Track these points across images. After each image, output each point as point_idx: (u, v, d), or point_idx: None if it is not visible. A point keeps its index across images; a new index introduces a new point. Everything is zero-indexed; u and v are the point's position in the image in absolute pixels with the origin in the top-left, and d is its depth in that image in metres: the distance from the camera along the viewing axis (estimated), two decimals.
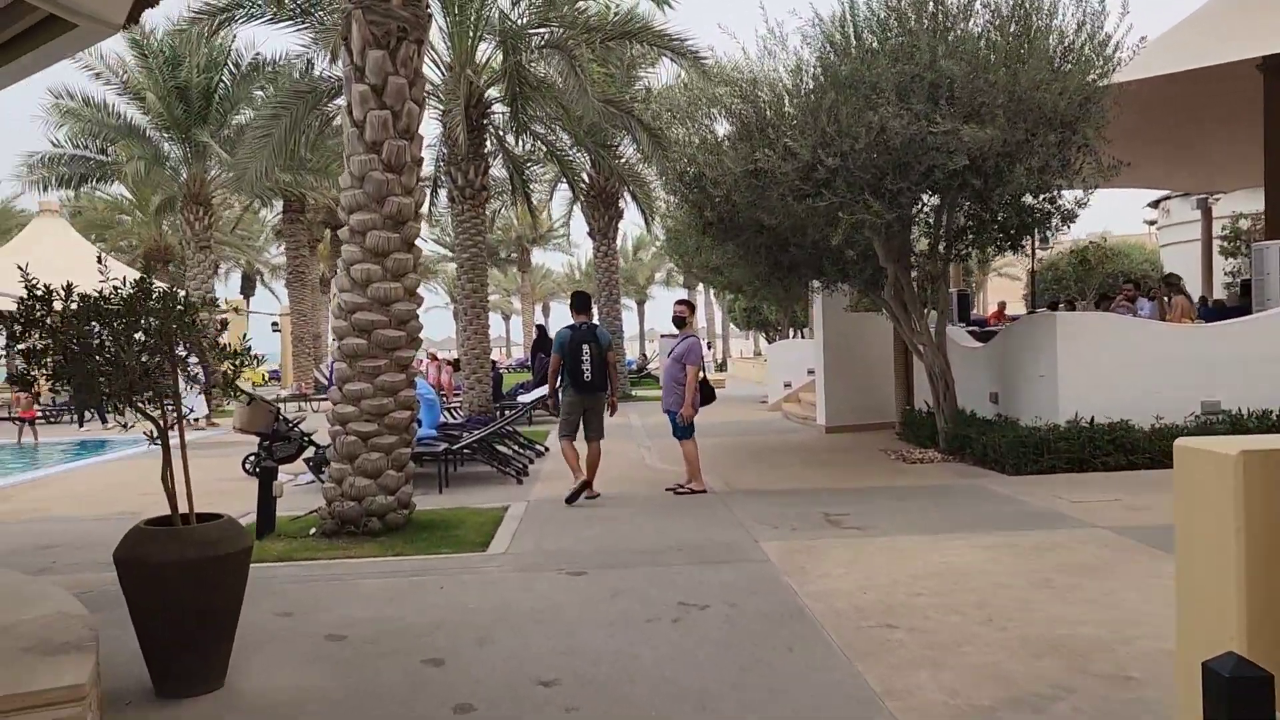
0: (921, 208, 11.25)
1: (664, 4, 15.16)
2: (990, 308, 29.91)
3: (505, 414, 16.79)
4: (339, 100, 16.24)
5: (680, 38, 14.65)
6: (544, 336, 19.71)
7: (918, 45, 9.10)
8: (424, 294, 8.34)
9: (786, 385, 19.03)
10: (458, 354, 16.99)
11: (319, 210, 33.37)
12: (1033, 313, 18.91)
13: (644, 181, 20.85)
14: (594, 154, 17.57)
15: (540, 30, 14.75)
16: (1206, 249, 22.17)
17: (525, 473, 10.90)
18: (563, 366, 9.29)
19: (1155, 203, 29.77)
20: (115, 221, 45.50)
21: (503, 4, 15.38)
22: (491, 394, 16.21)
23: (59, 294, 4.10)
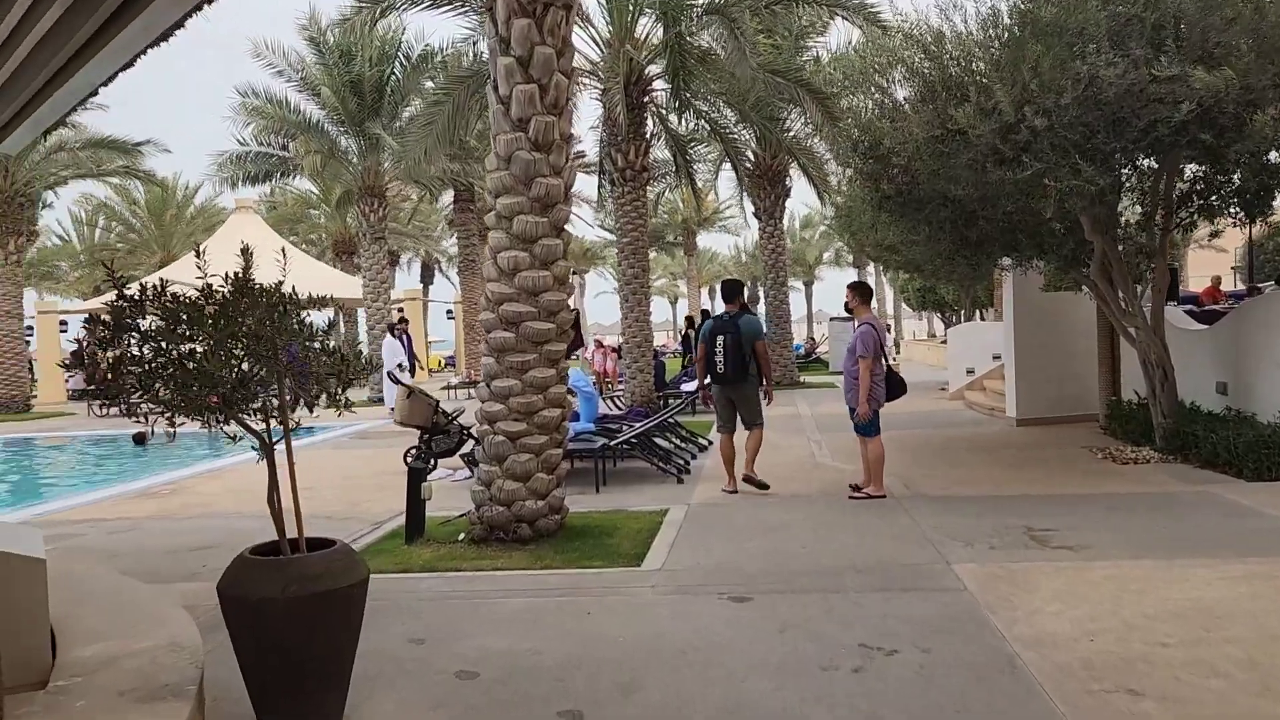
0: (1134, 172, 9.85)
1: None
2: (1193, 284, 27.08)
3: (668, 403, 16.22)
4: None
5: None
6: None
7: None
8: (592, 280, 7.81)
9: (969, 372, 17.61)
10: (619, 340, 16.49)
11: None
12: (1255, 289, 16.76)
13: (813, 155, 19.75)
14: (759, 129, 16.65)
15: None
16: None
17: (686, 470, 10.22)
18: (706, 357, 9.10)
19: None
20: (305, 216, 47.88)
21: None
22: (654, 382, 15.62)
23: (152, 292, 3.67)
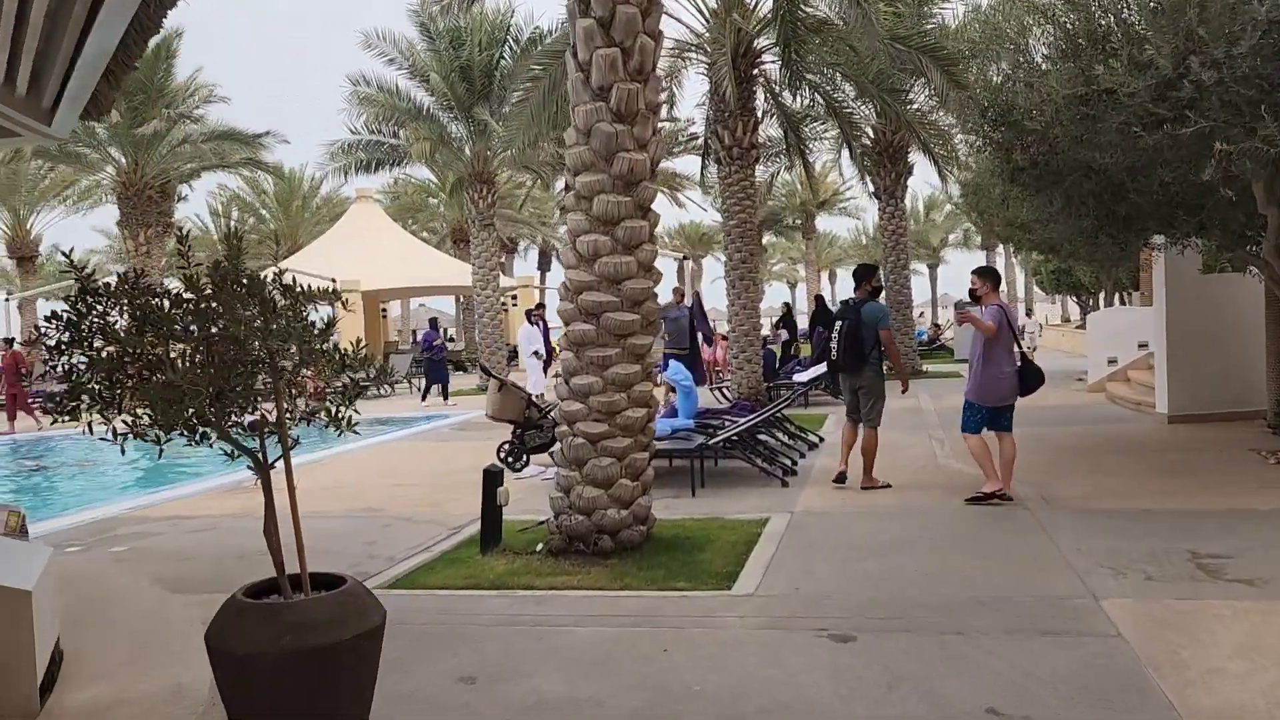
0: None
1: None
2: None
3: (779, 395, 15.34)
4: None
5: None
6: (822, 308, 17.97)
7: None
8: (709, 265, 7.06)
9: (1111, 362, 16.11)
10: (726, 329, 15.65)
11: None
12: None
13: (938, 129, 18.45)
14: (880, 102, 15.51)
15: None
16: None
17: (793, 471, 9.39)
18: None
19: None
20: (425, 204, 48.53)
21: None
22: (763, 373, 14.75)
23: (122, 287, 3.12)
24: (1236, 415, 11.62)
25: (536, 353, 16.14)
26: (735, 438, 9.49)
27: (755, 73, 14.55)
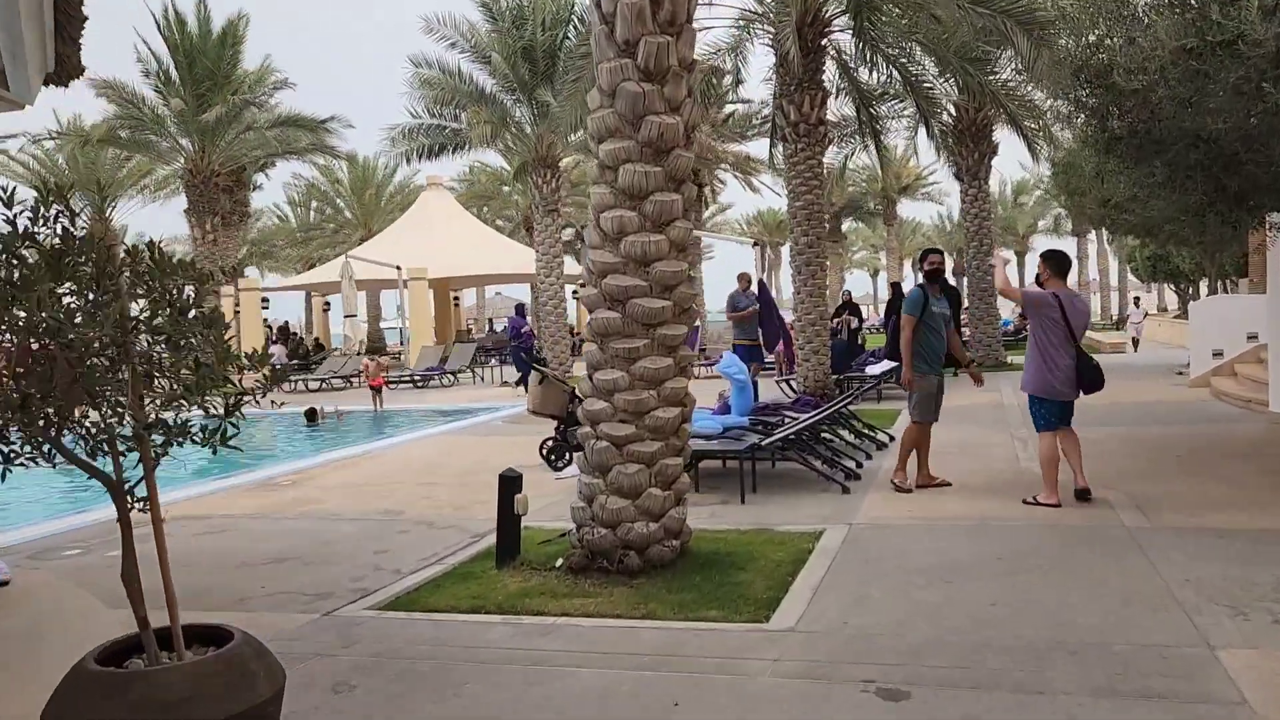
0: None
1: None
2: None
3: (849, 388, 14.39)
4: None
5: None
6: (899, 296, 16.86)
7: None
8: (787, 252, 6.23)
9: (1216, 355, 14.75)
10: (791, 318, 14.70)
11: None
12: None
13: (1026, 103, 17.16)
14: (962, 74, 14.38)
15: None
16: None
17: (856, 475, 8.51)
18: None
19: None
20: (498, 191, 48.33)
21: None
22: (831, 365, 13.80)
23: None
24: None
25: None
26: (792, 437, 8.66)
27: (824, 43, 13.56)
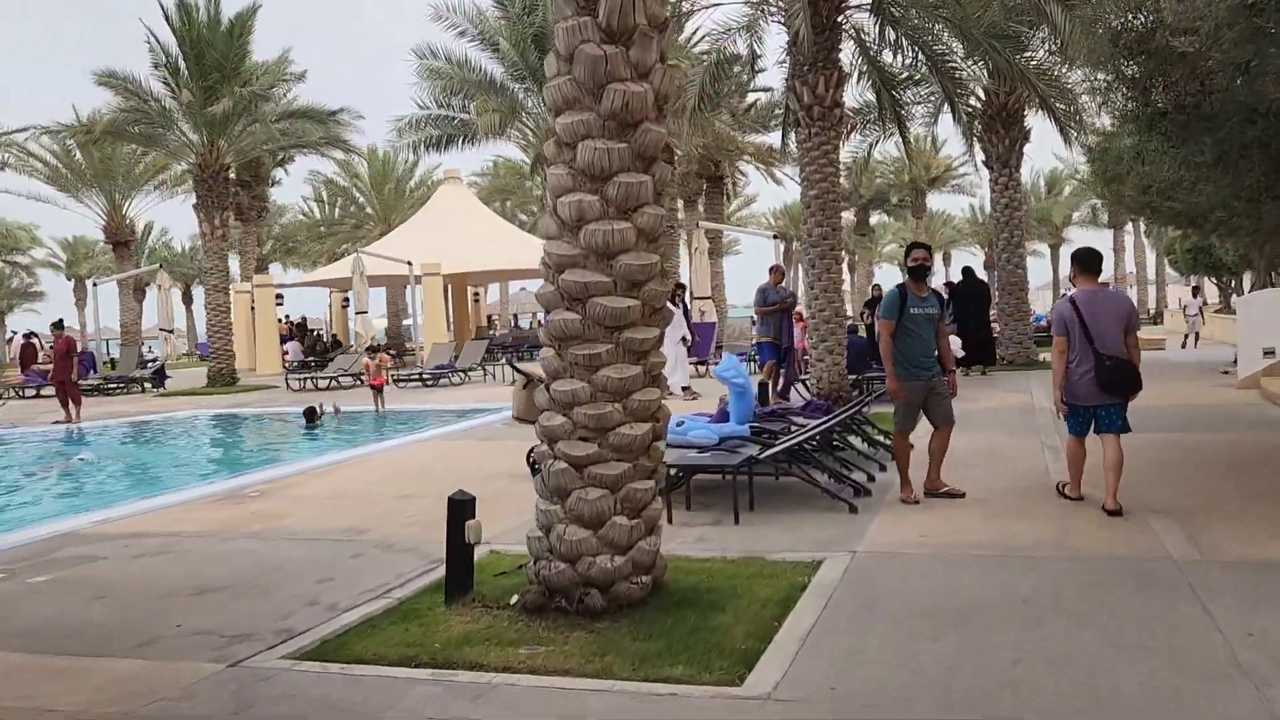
0: None
1: None
2: None
3: (868, 390, 13.51)
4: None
5: None
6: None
7: None
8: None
9: (1268, 353, 13.68)
10: (804, 313, 13.73)
11: (691, 160, 31.56)
12: None
13: (1060, 85, 16.14)
14: (990, 53, 13.42)
15: None
16: None
17: (866, 490, 7.66)
18: None
19: None
20: (519, 186, 47.68)
21: None
22: (847, 365, 12.91)
23: None
24: None
25: (684, 338, 14.67)
26: (798, 448, 7.84)
27: (840, 20, 12.66)
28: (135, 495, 9.65)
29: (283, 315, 36.74)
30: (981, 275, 19.66)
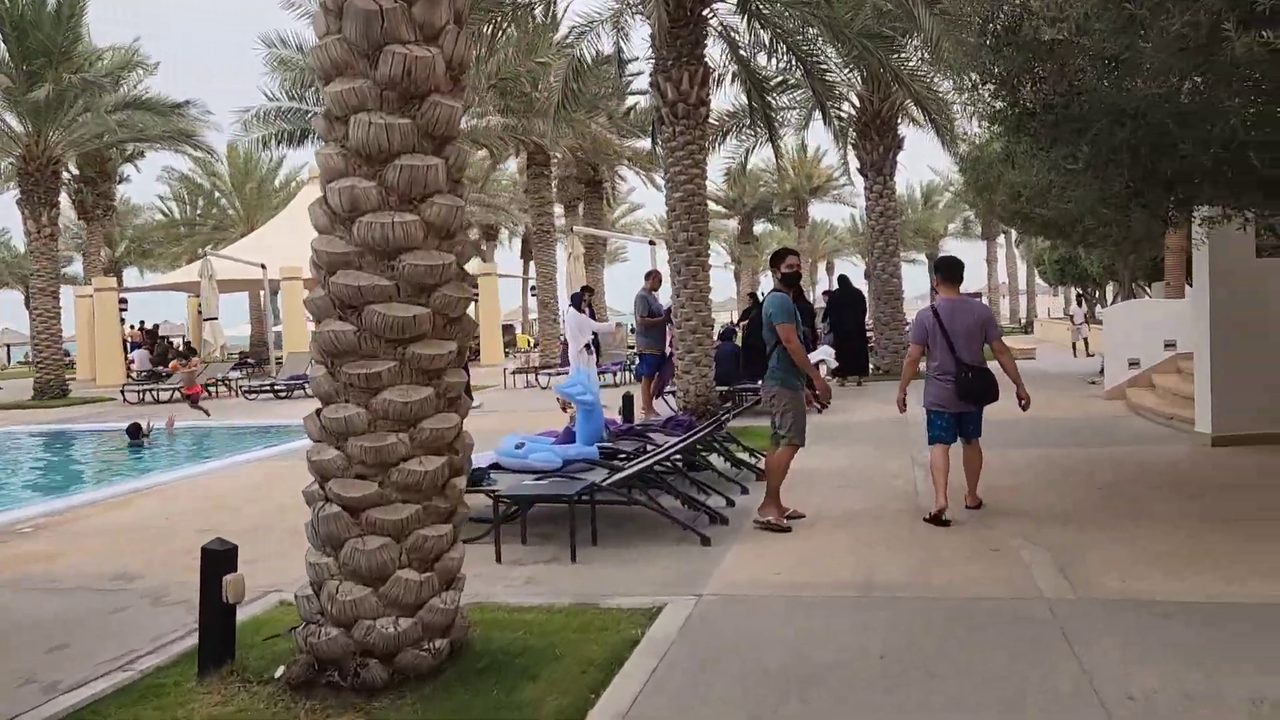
0: None
1: None
2: None
3: (744, 401, 12.91)
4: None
5: None
6: (758, 306, 15.45)
7: None
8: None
9: (1132, 364, 13.68)
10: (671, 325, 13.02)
11: (569, 164, 30.78)
12: None
13: (933, 91, 15.93)
14: (864, 55, 12.99)
15: None
16: None
17: (723, 519, 6.96)
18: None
19: None
20: None
21: None
22: (717, 375, 12.27)
23: None
24: None
25: (589, 345, 13.72)
26: (650, 472, 7.09)
27: (705, 13, 12.02)
28: None
29: (135, 322, 34.38)
30: (861, 284, 19.46)
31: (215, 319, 22.89)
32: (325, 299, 4.08)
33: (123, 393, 21.49)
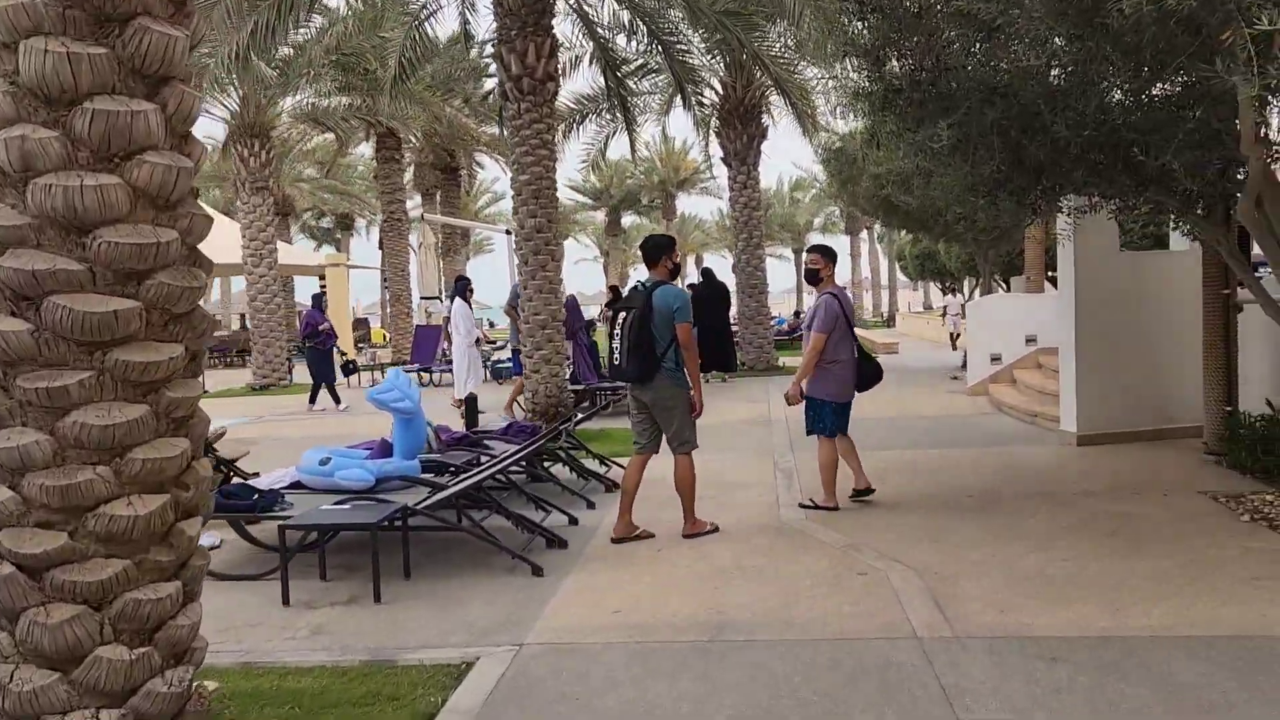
0: None
1: None
2: None
3: (596, 402, 12.16)
4: None
5: None
6: (619, 298, 14.78)
7: None
8: (571, 247, 4.03)
9: (994, 359, 13.53)
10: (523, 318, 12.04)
11: (424, 150, 29.39)
12: None
13: (797, 78, 15.48)
14: (723, 32, 12.33)
15: None
16: None
17: (561, 542, 6.12)
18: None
19: None
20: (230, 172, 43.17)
21: None
22: (572, 375, 11.41)
23: None
24: (1164, 433, 9.02)
25: (479, 339, 12.61)
26: (481, 490, 6.19)
27: None
28: None
29: None
30: (726, 277, 18.95)
31: None
32: None
33: None
